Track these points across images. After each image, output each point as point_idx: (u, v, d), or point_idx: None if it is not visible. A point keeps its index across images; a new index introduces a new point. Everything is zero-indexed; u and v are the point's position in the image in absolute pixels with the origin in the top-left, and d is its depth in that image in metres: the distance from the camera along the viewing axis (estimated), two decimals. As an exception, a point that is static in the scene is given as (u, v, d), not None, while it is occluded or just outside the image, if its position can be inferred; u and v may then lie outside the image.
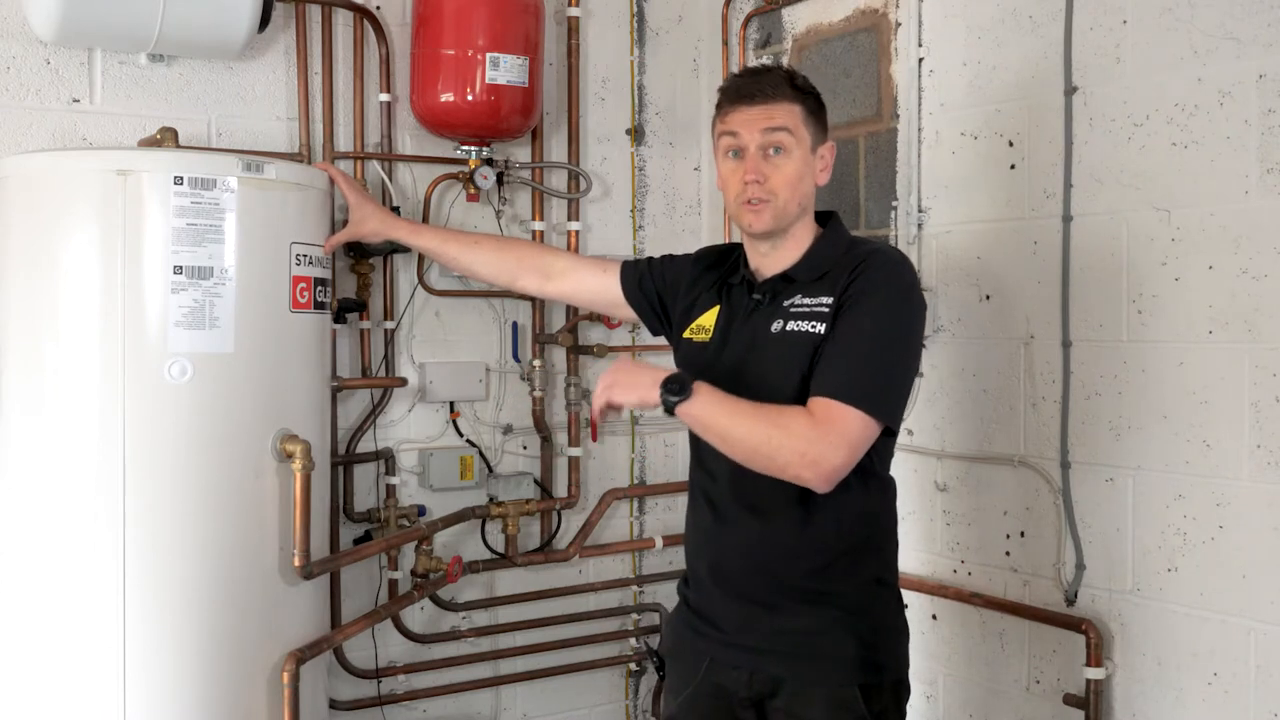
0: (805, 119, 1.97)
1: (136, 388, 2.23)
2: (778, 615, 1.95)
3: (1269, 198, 2.18)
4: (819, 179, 2.02)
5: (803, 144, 1.97)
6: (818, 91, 2.03)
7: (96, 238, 2.23)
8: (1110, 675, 2.46)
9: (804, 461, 1.79)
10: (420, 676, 3.07)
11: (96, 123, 2.63)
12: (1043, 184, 2.59)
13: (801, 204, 1.99)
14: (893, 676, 1.97)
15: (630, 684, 3.43)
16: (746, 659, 1.97)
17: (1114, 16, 2.44)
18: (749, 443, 1.82)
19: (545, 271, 2.40)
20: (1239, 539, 2.25)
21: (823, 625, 1.93)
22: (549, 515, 3.25)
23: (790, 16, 3.25)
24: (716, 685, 2.01)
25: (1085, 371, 2.51)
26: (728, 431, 1.83)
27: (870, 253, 1.96)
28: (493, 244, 2.51)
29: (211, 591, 2.30)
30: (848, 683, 1.91)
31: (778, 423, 1.80)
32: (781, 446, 1.79)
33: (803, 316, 1.92)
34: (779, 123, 1.95)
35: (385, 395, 3.00)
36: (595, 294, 2.34)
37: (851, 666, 1.92)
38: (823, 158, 2.02)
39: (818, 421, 1.79)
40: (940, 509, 2.83)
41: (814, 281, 1.96)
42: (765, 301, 1.99)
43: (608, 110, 3.36)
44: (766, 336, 1.95)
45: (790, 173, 1.95)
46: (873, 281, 1.89)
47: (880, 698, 1.93)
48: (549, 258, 2.44)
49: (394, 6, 2.98)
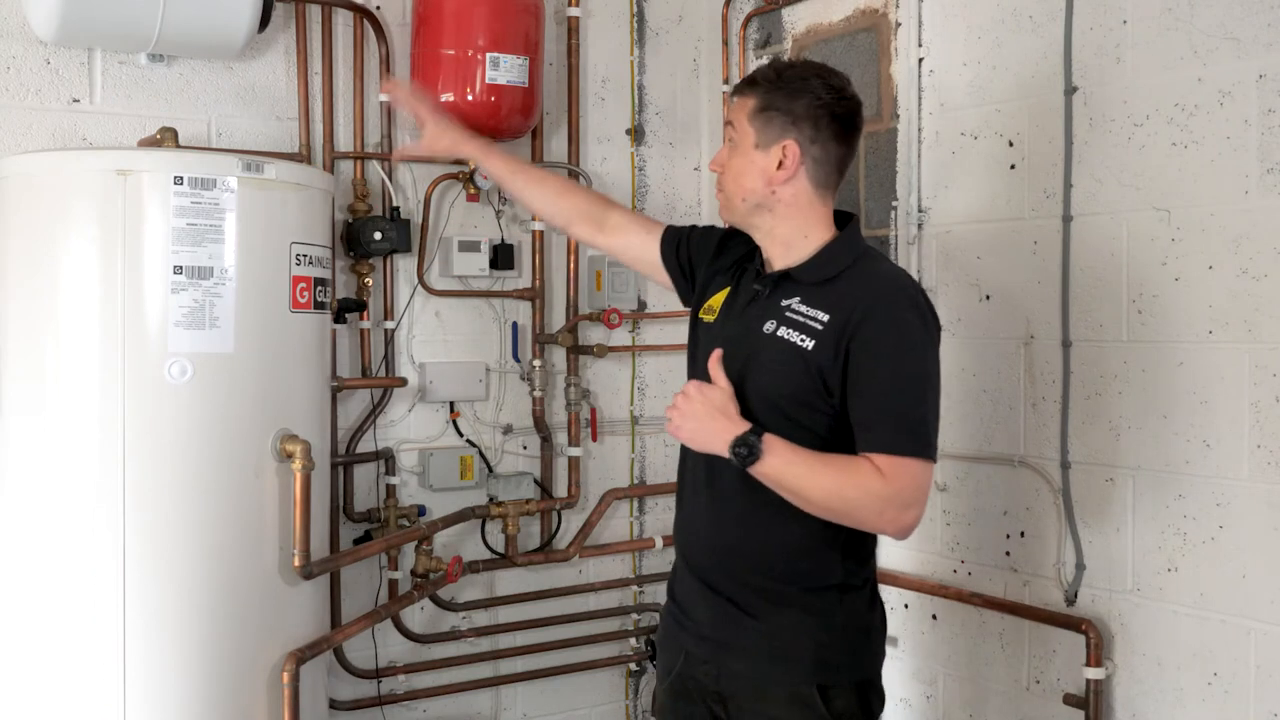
0: (753, 113, 1.93)
1: (136, 388, 2.23)
2: (743, 612, 1.96)
3: (1269, 198, 2.18)
4: (774, 178, 1.93)
5: (745, 139, 1.94)
6: (804, 87, 1.92)
7: (96, 238, 2.23)
8: (1110, 675, 2.46)
9: (883, 520, 1.84)
10: (420, 676, 3.07)
11: (96, 123, 2.63)
12: (1043, 184, 2.59)
13: (747, 200, 1.96)
14: (855, 677, 1.96)
15: (630, 684, 3.43)
16: (714, 654, 1.99)
17: (1114, 16, 2.44)
18: (826, 503, 1.84)
19: (600, 223, 2.36)
20: (1239, 539, 2.25)
21: (783, 624, 1.93)
22: (549, 515, 3.25)
23: (790, 16, 3.25)
24: (692, 679, 2.03)
25: (1085, 371, 2.51)
26: (801, 491, 1.85)
27: (882, 287, 1.92)
28: (557, 185, 2.44)
29: (211, 591, 2.30)
30: (805, 682, 1.92)
31: (852, 482, 1.83)
32: (859, 505, 1.83)
33: (796, 325, 1.91)
34: (729, 116, 1.99)
35: (385, 395, 3.00)
36: (638, 254, 2.33)
37: (809, 667, 1.92)
38: (783, 154, 1.91)
39: (889, 480, 1.81)
40: (940, 509, 2.83)
41: (815, 286, 1.94)
42: (764, 295, 1.99)
43: (608, 110, 3.36)
44: (758, 335, 1.95)
45: (733, 166, 1.97)
46: (893, 323, 1.87)
47: (842, 698, 1.92)
48: (605, 210, 2.39)
49: (394, 6, 2.98)
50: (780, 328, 1.92)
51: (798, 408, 1.89)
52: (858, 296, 1.88)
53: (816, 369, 1.87)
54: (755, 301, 1.99)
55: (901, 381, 1.86)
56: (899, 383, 1.86)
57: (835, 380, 1.86)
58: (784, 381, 1.90)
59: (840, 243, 1.98)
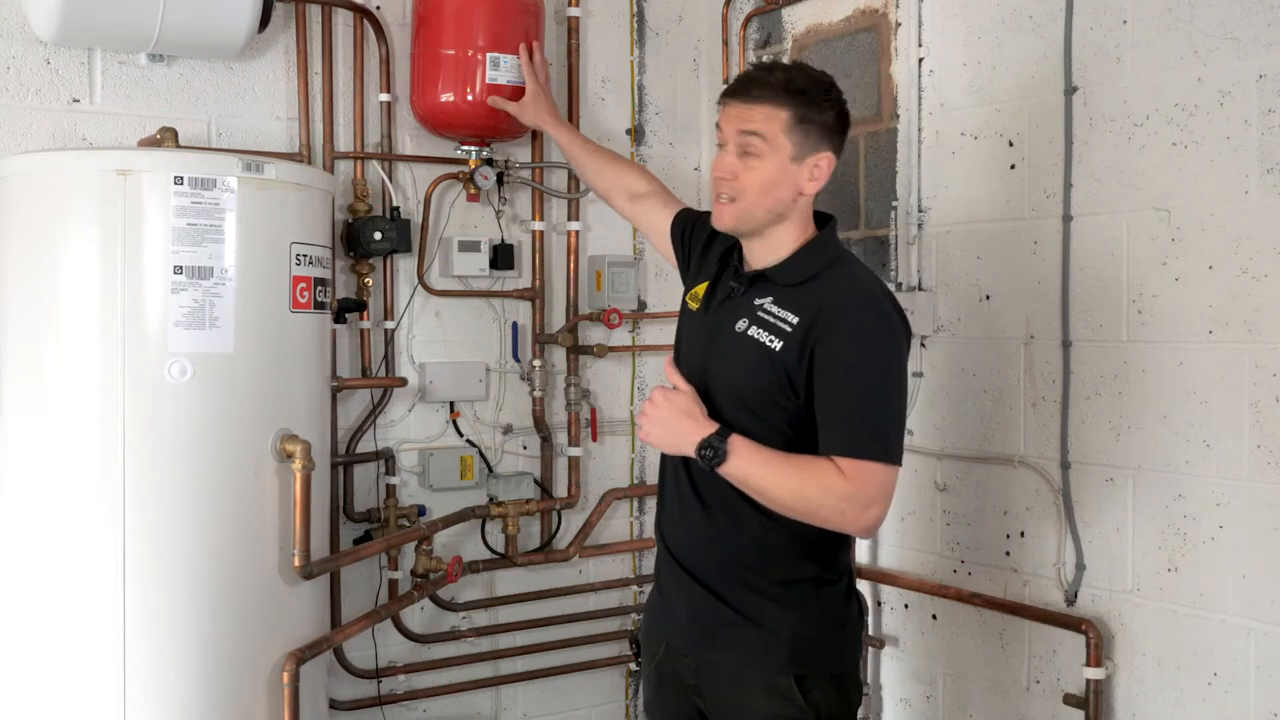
0: (789, 126, 1.92)
1: (136, 388, 2.23)
2: (721, 603, 1.99)
3: (1269, 198, 2.18)
4: (805, 188, 1.96)
5: (780, 151, 1.92)
6: (828, 98, 1.95)
7: (96, 238, 2.23)
8: (1110, 675, 2.46)
9: (845, 519, 1.87)
10: (420, 676, 3.07)
11: (96, 123, 2.63)
12: (1043, 184, 2.59)
13: (772, 210, 1.96)
14: (832, 669, 1.98)
15: (630, 684, 3.43)
16: (692, 646, 2.03)
17: (1114, 16, 2.44)
18: (789, 502, 1.88)
19: (632, 192, 2.53)
20: (1239, 539, 2.25)
21: (760, 618, 1.96)
22: (549, 515, 3.25)
23: (790, 16, 3.25)
24: (673, 672, 2.07)
25: (1085, 371, 2.51)
26: (765, 490, 1.89)
27: (850, 291, 1.93)
28: (607, 158, 2.67)
29: (211, 591, 2.30)
30: (781, 673, 1.94)
31: (814, 482, 1.86)
32: (822, 505, 1.86)
33: (766, 325, 1.93)
34: (754, 126, 1.92)
35: (385, 395, 3.00)
36: (653, 228, 2.44)
37: (785, 658, 1.95)
38: (816, 167, 1.95)
39: (849, 480, 1.84)
40: (940, 509, 2.83)
41: (789, 287, 1.96)
42: (739, 293, 2.01)
43: (608, 110, 3.35)
44: (730, 332, 1.98)
45: (759, 177, 1.93)
46: (858, 327, 1.89)
47: (819, 689, 1.95)
48: (639, 181, 2.55)
49: (394, 6, 2.98)
50: (751, 327, 1.95)
51: (764, 406, 1.93)
52: (825, 301, 1.91)
53: (783, 370, 1.90)
54: (730, 299, 2.03)
55: (864, 386, 1.88)
56: (861, 387, 1.88)
57: (800, 381, 1.90)
58: (752, 380, 1.94)
59: (815, 246, 2.01)
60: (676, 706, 2.09)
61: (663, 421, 1.94)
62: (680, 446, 1.94)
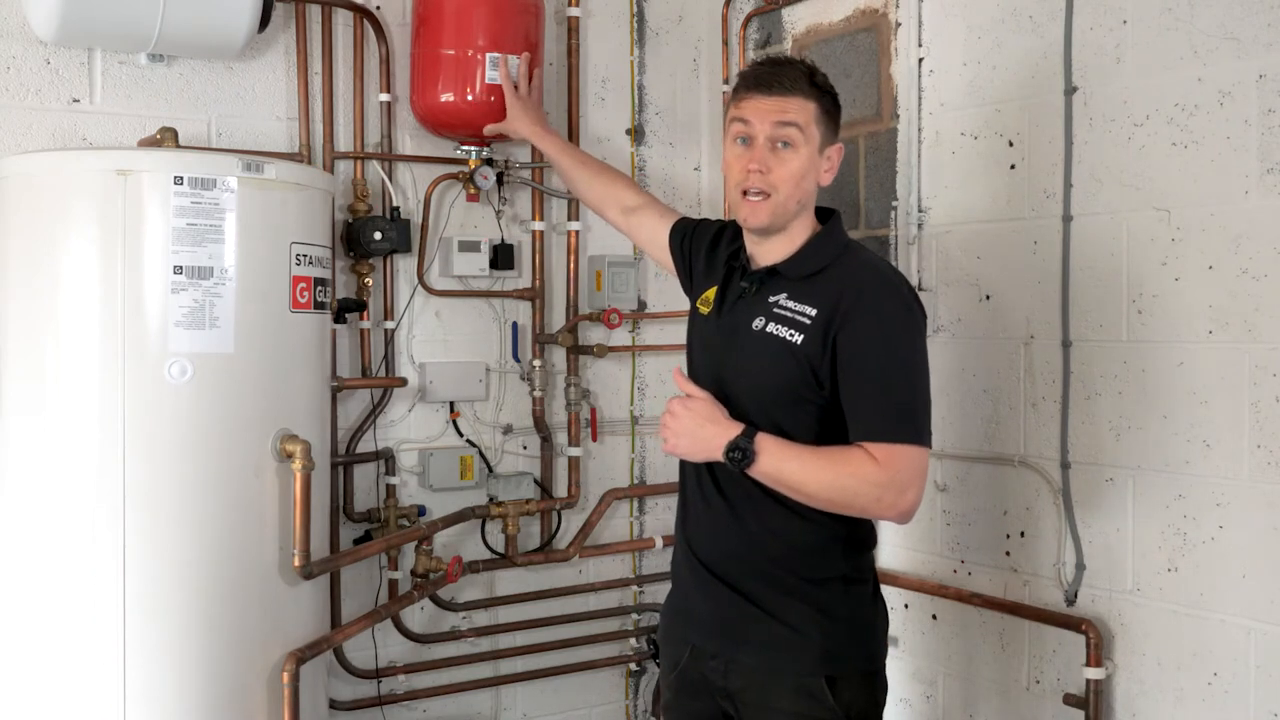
0: (818, 118, 1.96)
1: (136, 388, 2.23)
2: (750, 603, 1.97)
3: (1269, 198, 2.18)
4: (822, 179, 2.00)
5: (811, 142, 1.95)
6: (835, 92, 2.02)
7: (96, 238, 2.23)
8: (1110, 675, 2.46)
9: (882, 505, 1.86)
10: (420, 676, 3.07)
11: (96, 123, 2.63)
12: (1043, 184, 2.59)
13: (801, 202, 1.98)
14: (861, 668, 1.98)
15: (630, 684, 3.43)
16: (720, 647, 2.01)
17: (1114, 16, 2.44)
18: (825, 494, 1.87)
19: (625, 205, 2.52)
20: (1239, 539, 2.25)
21: (789, 617, 1.95)
22: (549, 515, 3.25)
23: (790, 16, 3.25)
24: (699, 674, 2.05)
25: (1085, 371, 2.51)
26: (799, 486, 1.88)
27: (866, 277, 1.94)
28: (595, 169, 2.64)
29: (211, 591, 2.30)
30: (813, 673, 1.93)
31: (847, 471, 1.85)
32: (858, 493, 1.85)
33: (784, 321, 1.93)
34: (791, 117, 1.94)
35: (385, 395, 3.00)
36: (649, 240, 2.43)
37: (816, 658, 1.94)
38: (829, 159, 2.00)
39: (883, 466, 1.83)
40: (940, 509, 2.83)
41: (802, 280, 1.96)
42: (751, 291, 2.00)
43: (608, 110, 3.35)
44: (747, 331, 1.97)
45: (795, 169, 1.94)
46: (878, 312, 1.89)
47: (849, 688, 1.94)
48: (630, 194, 2.54)
49: (394, 6, 2.98)
50: (769, 324, 1.95)
51: (790, 402, 1.92)
52: (843, 288, 1.91)
53: (806, 363, 1.90)
54: (743, 298, 2.02)
55: (890, 369, 1.88)
56: (887, 371, 1.88)
57: (825, 372, 1.89)
58: (775, 377, 1.93)
59: (824, 236, 2.01)
60: (698, 709, 2.07)
61: (687, 432, 1.93)
62: (709, 453, 1.92)
